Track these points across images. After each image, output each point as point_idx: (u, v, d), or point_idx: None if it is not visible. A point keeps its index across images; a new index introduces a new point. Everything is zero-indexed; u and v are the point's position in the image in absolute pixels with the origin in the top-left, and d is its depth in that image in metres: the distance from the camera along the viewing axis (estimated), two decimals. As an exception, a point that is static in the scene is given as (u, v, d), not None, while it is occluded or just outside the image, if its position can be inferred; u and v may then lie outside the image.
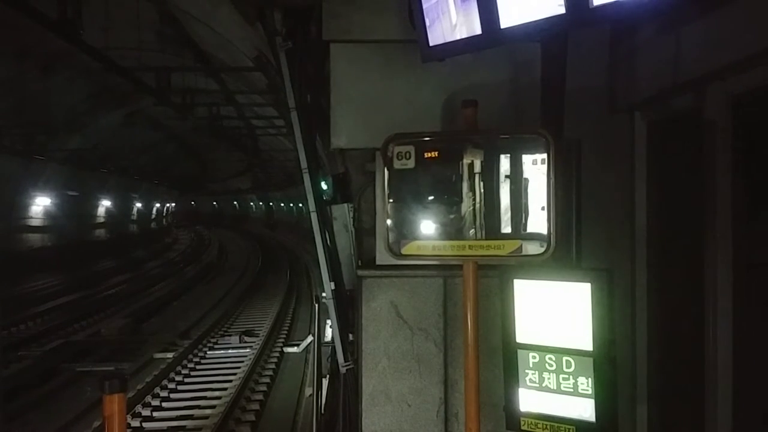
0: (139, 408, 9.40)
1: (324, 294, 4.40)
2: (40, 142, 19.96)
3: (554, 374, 2.63)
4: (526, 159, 2.92)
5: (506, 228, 3.01)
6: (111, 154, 28.01)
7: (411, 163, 2.85)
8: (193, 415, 9.45)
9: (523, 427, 2.75)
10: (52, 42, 11.48)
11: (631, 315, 3.52)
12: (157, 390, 10.29)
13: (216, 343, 13.67)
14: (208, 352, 12.98)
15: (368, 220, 3.90)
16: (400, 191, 2.96)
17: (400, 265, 3.27)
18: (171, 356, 12.27)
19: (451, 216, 2.88)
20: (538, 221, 2.74)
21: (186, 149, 39.33)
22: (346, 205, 4.31)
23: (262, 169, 40.89)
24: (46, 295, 20.47)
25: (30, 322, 16.04)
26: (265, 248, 36.31)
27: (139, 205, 41.47)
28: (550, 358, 2.63)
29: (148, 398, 9.88)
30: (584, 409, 2.58)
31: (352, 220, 4.26)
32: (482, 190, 2.95)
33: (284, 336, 14.36)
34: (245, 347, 13.08)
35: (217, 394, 10.29)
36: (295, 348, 10.92)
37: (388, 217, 2.90)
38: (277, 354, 12.61)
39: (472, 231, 2.92)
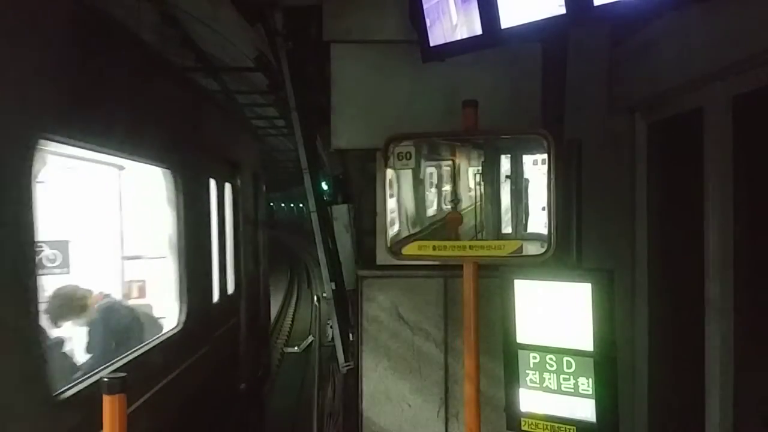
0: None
1: (324, 294, 4.40)
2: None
3: (555, 374, 2.63)
4: (527, 159, 2.93)
5: (507, 228, 3.01)
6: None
7: (411, 163, 2.85)
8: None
9: (523, 428, 2.74)
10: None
11: (631, 315, 3.52)
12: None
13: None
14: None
15: (368, 220, 3.90)
16: (400, 191, 2.96)
17: (401, 265, 3.27)
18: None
19: (452, 216, 2.89)
20: (538, 221, 2.74)
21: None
22: (346, 205, 4.31)
23: (263, 170, 40.79)
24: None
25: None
26: (265, 248, 36.22)
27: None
28: (550, 359, 2.63)
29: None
30: (585, 410, 2.58)
31: (352, 220, 4.26)
32: (483, 191, 2.95)
33: (285, 335, 14.36)
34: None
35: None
36: (296, 348, 10.95)
37: (388, 218, 2.90)
38: (278, 356, 12.61)
39: (472, 231, 2.93)
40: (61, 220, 4.43)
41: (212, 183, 5.42)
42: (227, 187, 5.95)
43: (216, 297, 5.44)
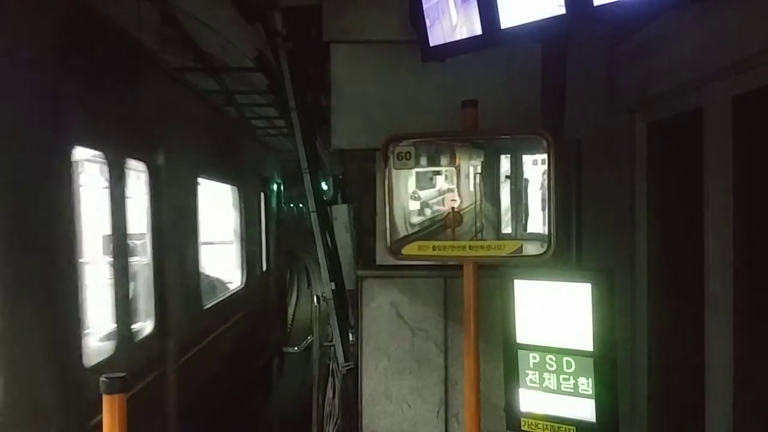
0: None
1: (324, 294, 4.40)
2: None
3: (554, 374, 2.63)
4: (527, 159, 2.93)
5: (506, 228, 3.01)
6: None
7: (411, 163, 2.85)
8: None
9: (523, 428, 2.74)
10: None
11: (631, 315, 3.52)
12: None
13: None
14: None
15: (368, 220, 3.90)
16: (400, 191, 2.96)
17: (401, 265, 3.27)
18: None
19: (452, 216, 2.88)
20: (538, 221, 2.74)
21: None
22: (346, 205, 4.31)
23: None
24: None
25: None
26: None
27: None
28: (550, 359, 2.63)
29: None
30: (584, 410, 2.58)
31: (352, 220, 4.26)
32: (482, 191, 2.95)
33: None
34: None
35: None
36: (295, 348, 10.98)
37: (388, 218, 2.90)
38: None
39: (472, 231, 2.93)
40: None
41: (257, 198, 7.97)
42: (262, 195, 8.33)
43: (259, 272, 7.84)
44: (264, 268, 8.21)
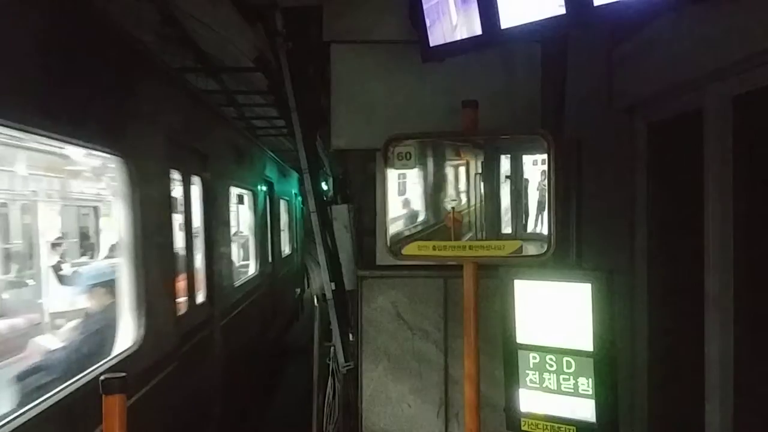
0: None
1: (325, 294, 4.40)
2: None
3: (554, 375, 2.63)
4: (527, 160, 2.93)
5: (507, 228, 3.01)
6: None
7: (411, 164, 2.85)
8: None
9: (523, 428, 2.74)
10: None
11: (631, 315, 3.52)
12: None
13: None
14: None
15: (368, 220, 3.90)
16: (400, 192, 2.96)
17: (401, 265, 3.27)
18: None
19: (452, 216, 2.88)
20: (538, 222, 2.74)
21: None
22: (346, 205, 4.31)
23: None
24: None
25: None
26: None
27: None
28: (550, 359, 2.63)
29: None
30: (585, 410, 2.58)
31: (352, 220, 4.26)
32: (482, 191, 2.95)
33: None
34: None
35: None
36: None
37: (388, 218, 2.89)
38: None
39: (472, 231, 2.93)
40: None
41: (291, 205, 13.47)
42: (294, 204, 13.90)
43: (294, 248, 13.42)
44: (295, 246, 13.92)
